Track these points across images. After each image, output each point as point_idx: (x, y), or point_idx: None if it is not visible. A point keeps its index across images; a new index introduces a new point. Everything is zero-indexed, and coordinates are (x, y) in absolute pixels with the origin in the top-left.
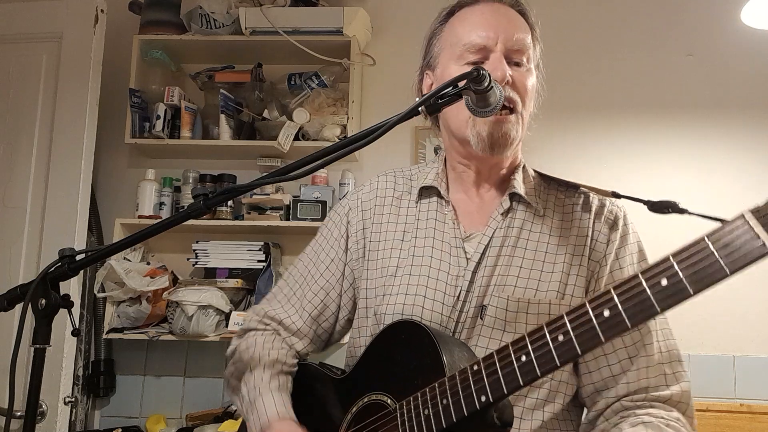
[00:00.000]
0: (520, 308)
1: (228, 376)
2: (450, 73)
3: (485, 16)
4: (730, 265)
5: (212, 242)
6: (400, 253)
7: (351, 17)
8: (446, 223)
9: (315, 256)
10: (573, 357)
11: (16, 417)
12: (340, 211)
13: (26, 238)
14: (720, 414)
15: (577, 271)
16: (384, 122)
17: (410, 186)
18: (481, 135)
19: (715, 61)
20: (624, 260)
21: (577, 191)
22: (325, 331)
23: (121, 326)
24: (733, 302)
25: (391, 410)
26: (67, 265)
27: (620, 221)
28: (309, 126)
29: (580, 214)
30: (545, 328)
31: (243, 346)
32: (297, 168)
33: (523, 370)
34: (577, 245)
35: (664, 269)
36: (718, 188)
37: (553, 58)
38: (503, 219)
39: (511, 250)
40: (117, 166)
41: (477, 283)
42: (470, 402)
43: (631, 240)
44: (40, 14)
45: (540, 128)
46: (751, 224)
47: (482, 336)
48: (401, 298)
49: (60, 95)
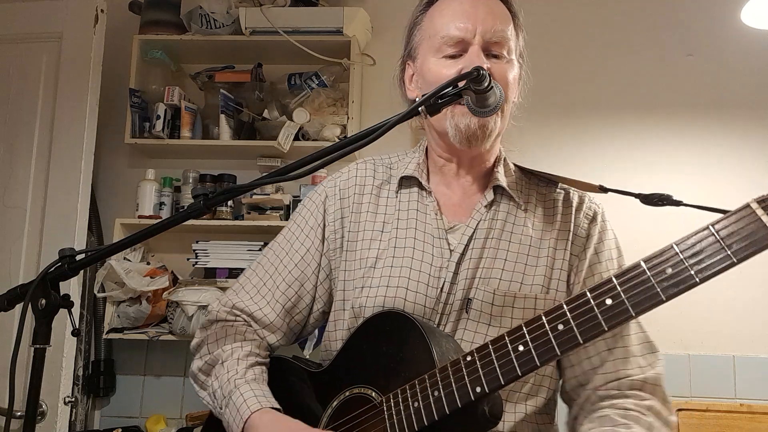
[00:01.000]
0: (506, 302)
1: (195, 371)
2: (429, 67)
3: (464, 7)
4: (736, 253)
5: (212, 242)
6: (380, 244)
7: (351, 17)
8: (428, 214)
9: (288, 245)
10: (574, 346)
11: (16, 417)
12: (315, 198)
13: (26, 238)
14: (720, 414)
15: (561, 265)
16: (384, 122)
17: (389, 175)
18: (459, 127)
19: (715, 61)
20: (603, 255)
21: (557, 186)
22: (298, 324)
23: (121, 326)
24: (733, 302)
25: (376, 403)
26: (67, 265)
27: (599, 217)
28: (309, 126)
29: (561, 209)
30: (543, 318)
31: (211, 338)
32: (297, 168)
33: (521, 359)
34: (560, 239)
35: (668, 258)
36: (718, 188)
37: (553, 58)
38: (487, 211)
39: (496, 243)
40: (117, 166)
41: (461, 276)
42: (465, 393)
43: (609, 236)
44: (40, 14)
45: (540, 128)
46: (758, 213)
47: (467, 330)
48: (382, 290)
49: (60, 95)
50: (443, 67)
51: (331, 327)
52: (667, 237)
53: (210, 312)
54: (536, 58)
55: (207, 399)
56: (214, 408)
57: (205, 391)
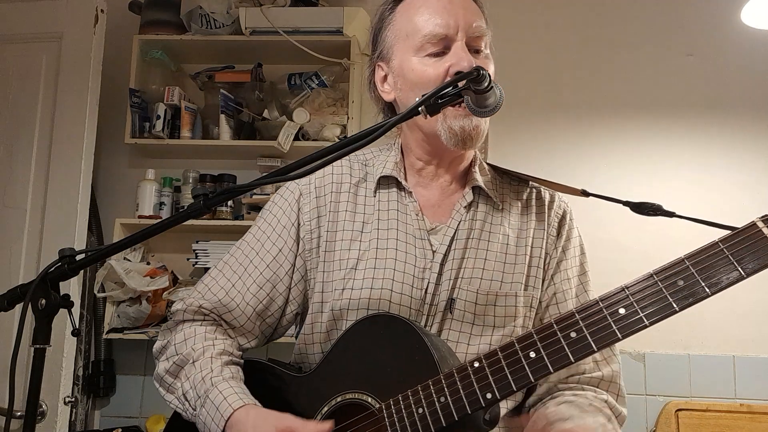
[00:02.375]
0: (488, 301)
1: (161, 374)
2: (411, 66)
3: (442, 3)
4: (744, 268)
5: (212, 242)
6: (361, 245)
7: (351, 17)
8: (409, 215)
9: (258, 244)
10: (588, 353)
11: (16, 417)
12: (288, 196)
13: (26, 238)
14: (720, 414)
15: (537, 262)
16: (384, 122)
17: (365, 173)
18: (453, 129)
19: (715, 61)
20: (568, 252)
21: (527, 184)
22: (269, 327)
23: (121, 326)
24: (733, 302)
25: (374, 410)
26: (67, 265)
27: (567, 215)
28: (309, 126)
29: (535, 207)
30: (555, 326)
31: (179, 338)
32: (297, 168)
33: (533, 366)
34: (536, 237)
35: (679, 270)
36: (718, 188)
37: (553, 58)
38: (466, 212)
39: (476, 243)
40: (117, 166)
41: (445, 276)
42: (474, 399)
43: (575, 234)
44: (40, 14)
45: (539, 128)
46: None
47: (452, 330)
48: (365, 292)
49: (60, 95)
50: (428, 66)
51: (308, 330)
52: (652, 238)
53: (175, 313)
54: (536, 58)
55: (175, 402)
56: (185, 411)
57: (173, 394)
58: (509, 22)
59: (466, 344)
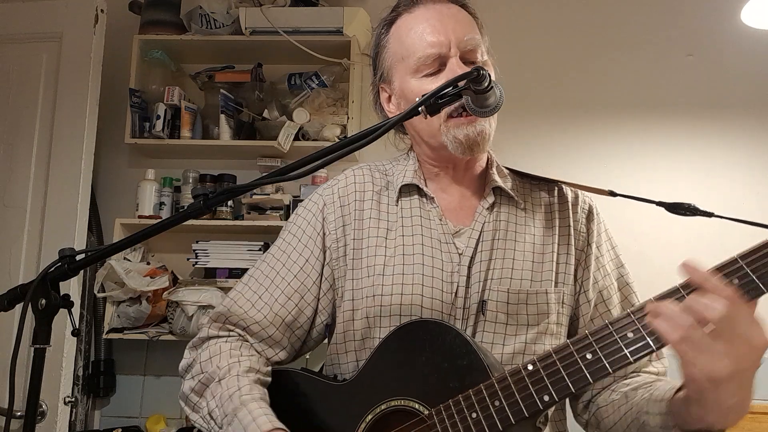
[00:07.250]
0: (520, 299)
1: (187, 393)
2: (411, 88)
3: (431, 22)
4: None
5: (212, 242)
6: (386, 251)
7: (351, 17)
8: (432, 220)
9: (284, 256)
10: (647, 353)
11: (16, 417)
12: (311, 207)
13: (26, 238)
14: None
15: (566, 259)
16: (384, 122)
17: (387, 182)
18: (458, 138)
19: (715, 61)
20: (602, 248)
21: (548, 184)
22: (299, 339)
23: (121, 326)
24: None
25: (424, 416)
26: (67, 265)
27: (594, 211)
28: (309, 126)
29: (558, 206)
30: (610, 327)
31: (204, 356)
32: (297, 168)
33: (591, 368)
34: (561, 235)
35: (735, 270)
36: (718, 188)
37: (553, 59)
38: (489, 213)
39: (503, 243)
40: (117, 166)
41: (474, 279)
42: (531, 402)
43: (603, 228)
44: (40, 14)
45: (539, 128)
46: None
47: (486, 331)
48: (396, 298)
49: (60, 95)
50: (426, 85)
51: (339, 339)
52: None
53: (201, 329)
54: (536, 58)
55: (200, 422)
56: (210, 429)
57: (198, 413)
58: (509, 23)
59: (501, 344)
